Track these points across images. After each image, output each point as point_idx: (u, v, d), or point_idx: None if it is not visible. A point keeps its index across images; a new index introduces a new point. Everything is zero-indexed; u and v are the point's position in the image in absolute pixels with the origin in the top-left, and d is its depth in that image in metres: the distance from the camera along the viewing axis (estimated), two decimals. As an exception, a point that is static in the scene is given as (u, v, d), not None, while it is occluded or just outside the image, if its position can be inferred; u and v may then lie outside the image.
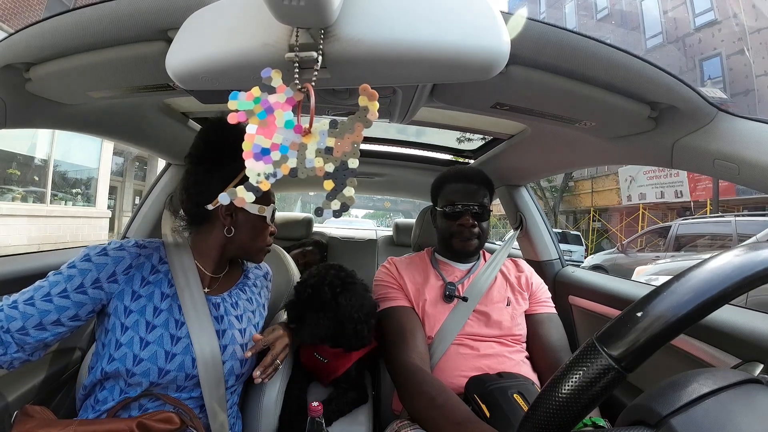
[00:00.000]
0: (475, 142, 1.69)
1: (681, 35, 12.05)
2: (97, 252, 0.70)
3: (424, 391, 0.76)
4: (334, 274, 0.95)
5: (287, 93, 0.44)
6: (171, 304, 0.73)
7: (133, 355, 0.67)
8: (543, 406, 0.34)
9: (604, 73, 0.63)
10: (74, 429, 0.59)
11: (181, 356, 0.70)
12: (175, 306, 0.73)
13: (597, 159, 1.07)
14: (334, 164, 0.44)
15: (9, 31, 0.68)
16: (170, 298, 0.73)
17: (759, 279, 0.33)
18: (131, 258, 0.73)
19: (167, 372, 0.69)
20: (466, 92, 0.74)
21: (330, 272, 0.95)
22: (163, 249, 0.79)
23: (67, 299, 0.66)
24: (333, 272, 0.95)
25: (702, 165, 0.74)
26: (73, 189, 9.10)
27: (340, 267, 0.99)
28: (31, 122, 0.83)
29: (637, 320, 0.33)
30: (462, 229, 1.04)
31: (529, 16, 0.56)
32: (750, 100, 10.20)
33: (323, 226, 3.11)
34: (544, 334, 1.01)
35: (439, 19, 0.44)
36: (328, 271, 0.96)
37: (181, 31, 0.50)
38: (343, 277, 0.96)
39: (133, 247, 0.74)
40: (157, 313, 0.71)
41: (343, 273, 0.97)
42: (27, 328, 0.63)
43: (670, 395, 0.32)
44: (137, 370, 0.67)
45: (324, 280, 0.93)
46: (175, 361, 0.70)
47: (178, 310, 0.73)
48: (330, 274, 0.95)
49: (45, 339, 0.65)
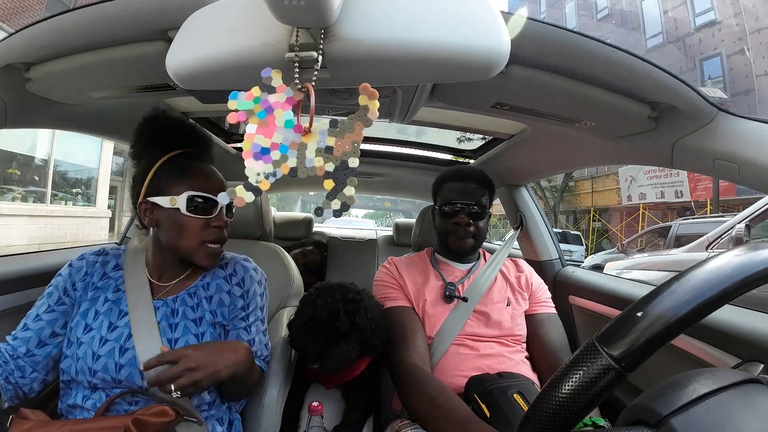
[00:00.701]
0: (475, 141, 1.69)
1: (681, 35, 12.04)
2: (66, 265, 0.77)
3: (425, 390, 0.76)
4: (341, 299, 0.86)
5: (287, 93, 0.44)
6: (111, 308, 0.72)
7: (76, 355, 0.69)
8: (543, 406, 0.34)
9: (605, 73, 0.63)
10: (70, 428, 0.59)
11: (107, 358, 0.67)
12: (116, 310, 0.72)
13: (597, 159, 1.07)
14: (335, 164, 0.44)
15: (9, 31, 0.67)
16: (111, 302, 0.73)
17: (759, 279, 0.33)
18: (87, 266, 0.76)
19: (95, 371, 0.67)
20: (467, 92, 0.74)
21: (335, 297, 0.85)
22: (123, 256, 0.79)
23: (53, 312, 0.73)
24: (338, 296, 0.86)
25: (702, 165, 0.74)
26: (73, 189, 9.10)
27: (339, 287, 0.89)
28: (31, 122, 0.83)
29: (637, 320, 0.33)
30: (457, 227, 1.04)
31: (529, 16, 0.56)
32: (750, 100, 10.20)
33: (323, 225, 3.11)
34: (544, 334, 1.01)
35: (439, 19, 0.44)
36: (333, 297, 0.85)
37: (181, 31, 0.50)
38: (351, 297, 0.87)
39: (93, 255, 0.78)
40: (96, 316, 0.71)
41: (349, 293, 0.88)
42: (31, 350, 0.70)
43: (670, 395, 0.32)
44: (76, 369, 0.68)
45: (336, 311, 0.83)
46: (101, 362, 0.67)
47: (117, 315, 0.71)
48: (336, 299, 0.85)
49: (50, 353, 0.72)
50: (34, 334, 0.70)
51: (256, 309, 0.82)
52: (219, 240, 0.74)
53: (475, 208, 1.03)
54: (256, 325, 0.82)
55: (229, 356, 0.68)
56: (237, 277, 0.81)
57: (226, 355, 0.68)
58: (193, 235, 0.71)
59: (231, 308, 0.78)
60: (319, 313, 0.83)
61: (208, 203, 0.71)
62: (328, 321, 0.83)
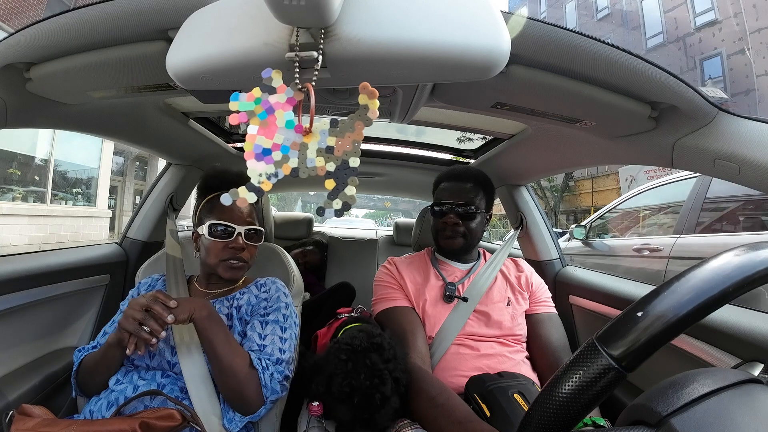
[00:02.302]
0: (476, 141, 1.68)
1: (681, 35, 12.04)
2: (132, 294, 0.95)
3: (425, 390, 0.76)
4: (380, 359, 0.75)
5: (288, 93, 0.44)
6: None
7: None
8: (543, 406, 0.34)
9: (605, 72, 0.63)
10: (75, 429, 0.59)
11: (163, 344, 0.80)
12: None
13: (597, 159, 1.07)
14: (335, 163, 0.44)
15: (9, 31, 0.67)
16: None
17: (759, 279, 0.33)
18: (153, 281, 0.97)
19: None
20: (467, 92, 0.74)
21: (373, 359, 0.74)
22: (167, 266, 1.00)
23: None
24: (377, 358, 0.74)
25: (702, 165, 0.74)
26: (73, 188, 9.10)
27: (371, 345, 0.77)
28: (31, 122, 0.83)
29: (637, 320, 0.33)
30: (445, 226, 1.05)
31: (529, 16, 0.56)
32: (750, 100, 10.19)
33: (323, 225, 3.12)
34: (544, 334, 1.01)
35: (439, 19, 0.44)
36: (370, 359, 0.74)
37: (181, 30, 0.50)
38: (388, 355, 0.76)
39: (159, 275, 0.99)
40: None
41: (384, 349, 0.77)
42: None
43: (670, 395, 0.32)
44: None
45: (379, 376, 0.73)
46: None
47: None
48: (375, 362, 0.74)
49: None
50: None
51: (277, 313, 0.87)
52: (236, 258, 0.88)
53: (464, 207, 1.04)
54: (273, 327, 0.84)
55: (188, 305, 0.75)
56: (266, 288, 0.94)
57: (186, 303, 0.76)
58: (214, 255, 0.88)
59: (255, 306, 0.89)
60: (360, 382, 0.72)
61: (226, 230, 0.87)
62: (372, 388, 0.72)
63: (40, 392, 0.93)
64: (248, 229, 0.89)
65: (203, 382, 0.77)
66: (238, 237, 0.88)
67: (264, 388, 0.76)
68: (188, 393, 0.76)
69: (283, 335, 0.84)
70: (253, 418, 0.77)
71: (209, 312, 0.76)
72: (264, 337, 0.82)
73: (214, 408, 0.76)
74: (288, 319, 0.88)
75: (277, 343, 0.82)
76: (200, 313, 0.74)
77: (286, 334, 0.85)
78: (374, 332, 0.80)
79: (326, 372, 0.77)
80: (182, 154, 1.36)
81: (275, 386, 0.77)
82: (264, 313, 0.87)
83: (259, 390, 0.76)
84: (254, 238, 0.92)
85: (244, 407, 0.76)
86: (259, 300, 0.90)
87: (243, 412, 0.76)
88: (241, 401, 0.75)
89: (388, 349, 0.77)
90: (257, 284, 0.94)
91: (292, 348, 0.85)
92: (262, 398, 0.76)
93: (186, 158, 1.38)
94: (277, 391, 0.78)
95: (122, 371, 0.80)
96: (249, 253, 0.90)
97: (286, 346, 0.83)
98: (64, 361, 1.02)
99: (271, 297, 0.91)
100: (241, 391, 0.75)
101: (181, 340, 0.80)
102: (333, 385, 0.74)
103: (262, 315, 0.86)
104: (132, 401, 0.71)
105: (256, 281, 0.95)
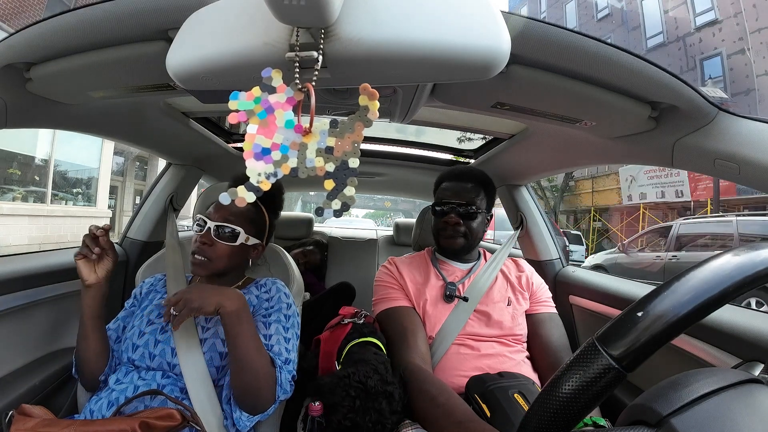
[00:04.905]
0: (476, 141, 1.68)
1: (681, 35, 12.02)
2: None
3: (425, 390, 0.76)
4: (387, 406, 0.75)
5: (287, 93, 0.44)
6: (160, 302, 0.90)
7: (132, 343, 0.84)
8: (544, 406, 0.34)
9: (605, 72, 0.62)
10: (75, 429, 0.59)
11: (150, 335, 0.83)
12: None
13: (598, 159, 1.07)
14: (335, 164, 0.44)
15: (9, 31, 0.67)
16: (160, 294, 0.94)
17: (759, 279, 0.33)
18: (156, 282, 0.99)
19: (137, 347, 0.81)
20: (467, 92, 0.74)
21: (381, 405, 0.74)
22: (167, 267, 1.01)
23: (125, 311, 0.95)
24: (384, 404, 0.75)
25: (702, 165, 0.74)
26: (73, 189, 9.11)
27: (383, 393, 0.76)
28: (31, 122, 0.83)
29: (637, 320, 0.33)
30: (446, 226, 1.05)
31: (529, 16, 0.56)
32: (751, 100, 10.18)
33: (323, 225, 3.12)
34: (544, 334, 1.01)
35: (439, 19, 0.44)
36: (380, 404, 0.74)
37: (181, 30, 0.50)
38: (394, 408, 0.76)
39: (161, 275, 1.01)
40: (150, 310, 0.89)
41: (393, 399, 0.76)
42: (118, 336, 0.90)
43: (670, 395, 0.32)
44: (122, 349, 0.83)
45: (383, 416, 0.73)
46: (144, 338, 0.83)
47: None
48: (382, 407, 0.74)
49: None
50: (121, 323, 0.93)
51: (279, 314, 0.86)
52: (198, 252, 0.86)
53: (464, 207, 1.04)
54: (277, 327, 0.83)
55: (216, 297, 0.73)
56: (267, 288, 0.93)
57: (215, 294, 0.75)
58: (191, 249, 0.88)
59: (256, 307, 0.89)
60: (365, 423, 0.72)
61: (203, 224, 0.87)
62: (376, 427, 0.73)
63: (40, 392, 0.93)
64: (218, 225, 0.84)
65: (203, 383, 0.77)
66: (208, 232, 0.85)
67: (279, 387, 0.76)
68: (188, 394, 0.76)
69: (286, 335, 0.84)
70: (262, 416, 0.77)
71: (237, 307, 0.73)
72: (270, 337, 0.82)
73: (214, 409, 0.76)
74: (290, 319, 0.87)
75: (282, 343, 0.82)
76: (228, 308, 0.71)
77: (289, 333, 0.85)
78: (388, 379, 0.79)
79: (330, 399, 0.75)
80: (182, 154, 1.36)
81: (286, 386, 0.77)
82: (266, 313, 0.86)
83: (275, 389, 0.75)
84: (227, 237, 0.86)
85: (257, 406, 0.75)
86: (260, 301, 0.89)
87: (252, 410, 0.75)
88: (255, 399, 0.74)
89: (398, 400, 0.76)
90: (257, 285, 0.93)
91: (294, 348, 0.85)
92: (275, 397, 0.76)
93: (186, 158, 1.38)
94: (287, 390, 0.78)
95: (122, 371, 0.80)
96: (217, 252, 0.85)
97: (290, 346, 0.83)
98: (64, 361, 1.02)
99: (272, 297, 0.90)
100: (258, 389, 0.74)
101: (181, 341, 0.79)
102: (335, 414, 0.74)
103: (264, 316, 0.86)
104: (132, 401, 0.71)
105: (256, 281, 0.94)
